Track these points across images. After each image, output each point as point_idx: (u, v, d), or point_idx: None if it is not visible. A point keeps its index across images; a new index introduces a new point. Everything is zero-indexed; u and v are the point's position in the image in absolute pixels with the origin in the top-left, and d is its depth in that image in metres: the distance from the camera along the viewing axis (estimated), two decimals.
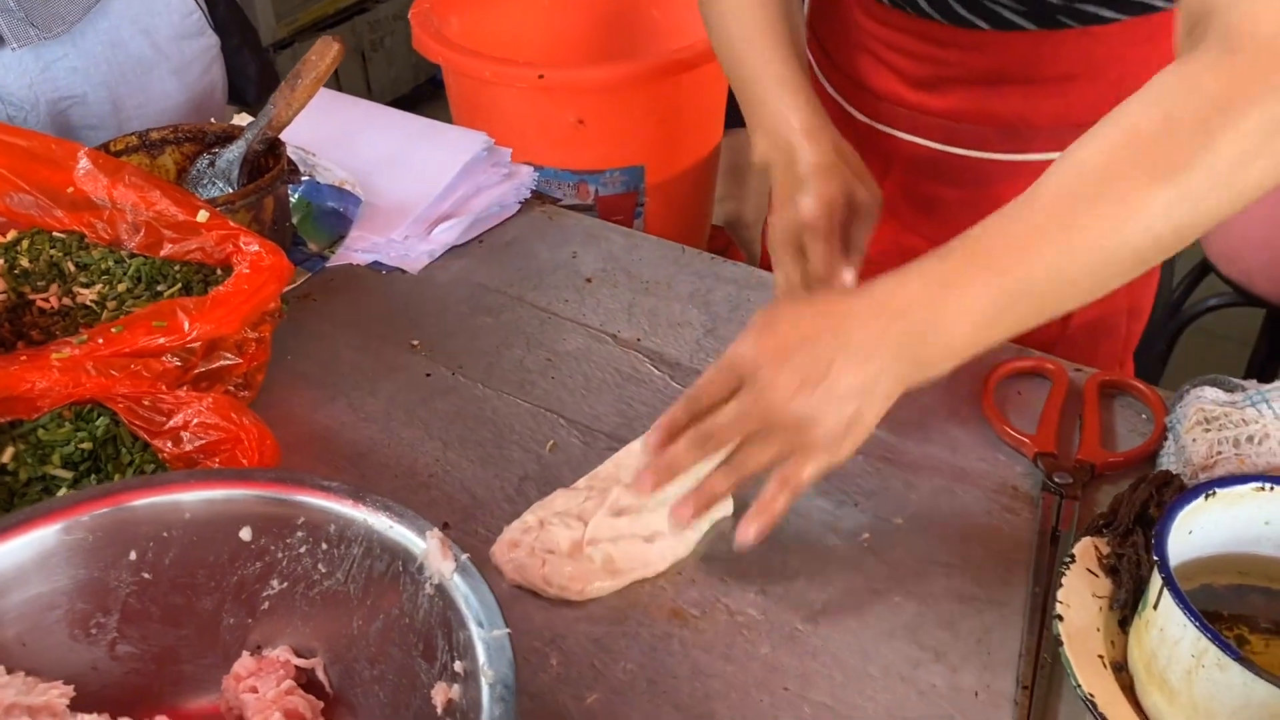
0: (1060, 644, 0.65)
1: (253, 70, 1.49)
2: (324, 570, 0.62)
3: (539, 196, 1.20)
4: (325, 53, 1.04)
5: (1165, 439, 0.84)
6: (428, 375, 0.94)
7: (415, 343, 0.98)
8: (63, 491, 0.70)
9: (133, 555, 0.61)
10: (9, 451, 0.71)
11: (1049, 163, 0.95)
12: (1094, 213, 0.63)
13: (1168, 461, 0.81)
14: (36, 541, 0.59)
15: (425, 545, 0.58)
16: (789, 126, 0.87)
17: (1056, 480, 0.82)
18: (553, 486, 0.82)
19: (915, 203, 1.01)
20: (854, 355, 0.65)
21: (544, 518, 0.78)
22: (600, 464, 0.84)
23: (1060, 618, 0.67)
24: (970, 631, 0.71)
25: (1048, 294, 0.66)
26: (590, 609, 0.73)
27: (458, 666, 0.55)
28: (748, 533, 0.68)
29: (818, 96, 0.89)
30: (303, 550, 0.62)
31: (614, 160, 1.42)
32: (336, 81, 2.33)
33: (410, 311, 1.02)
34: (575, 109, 1.38)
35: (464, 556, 0.57)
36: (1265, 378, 0.84)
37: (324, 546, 0.62)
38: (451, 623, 0.56)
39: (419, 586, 0.58)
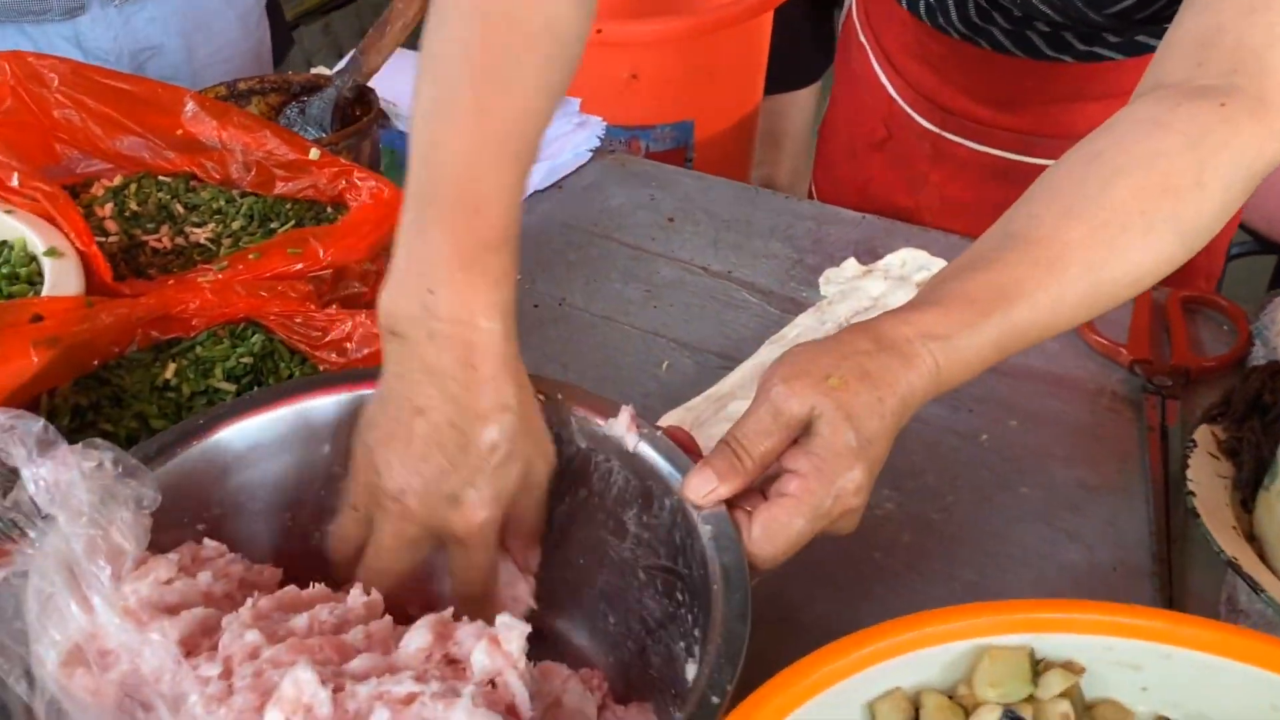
0: (1196, 516, 0.69)
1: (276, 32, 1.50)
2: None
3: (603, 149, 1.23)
4: (411, 1, 1.06)
5: (1253, 344, 0.89)
6: (535, 306, 0.97)
7: (517, 277, 1.01)
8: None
9: (326, 449, 0.64)
10: (171, 368, 0.73)
11: None
12: (1118, 256, 0.61)
13: (1258, 363, 0.86)
14: (249, 431, 0.61)
15: (618, 420, 0.60)
16: (466, 308, 0.57)
17: (1156, 383, 0.86)
18: (675, 403, 0.85)
19: (986, 208, 1.05)
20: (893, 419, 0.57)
21: None
22: (715, 384, 0.87)
23: (1193, 494, 0.71)
24: (1098, 515, 0.75)
25: (1046, 328, 0.62)
26: None
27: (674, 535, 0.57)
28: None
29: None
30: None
31: (665, 115, 1.45)
32: None
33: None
34: (629, 64, 1.41)
35: (659, 431, 0.60)
36: None
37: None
38: (653, 491, 0.59)
39: (611, 466, 0.61)
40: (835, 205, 1.21)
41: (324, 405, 0.63)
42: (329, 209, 0.94)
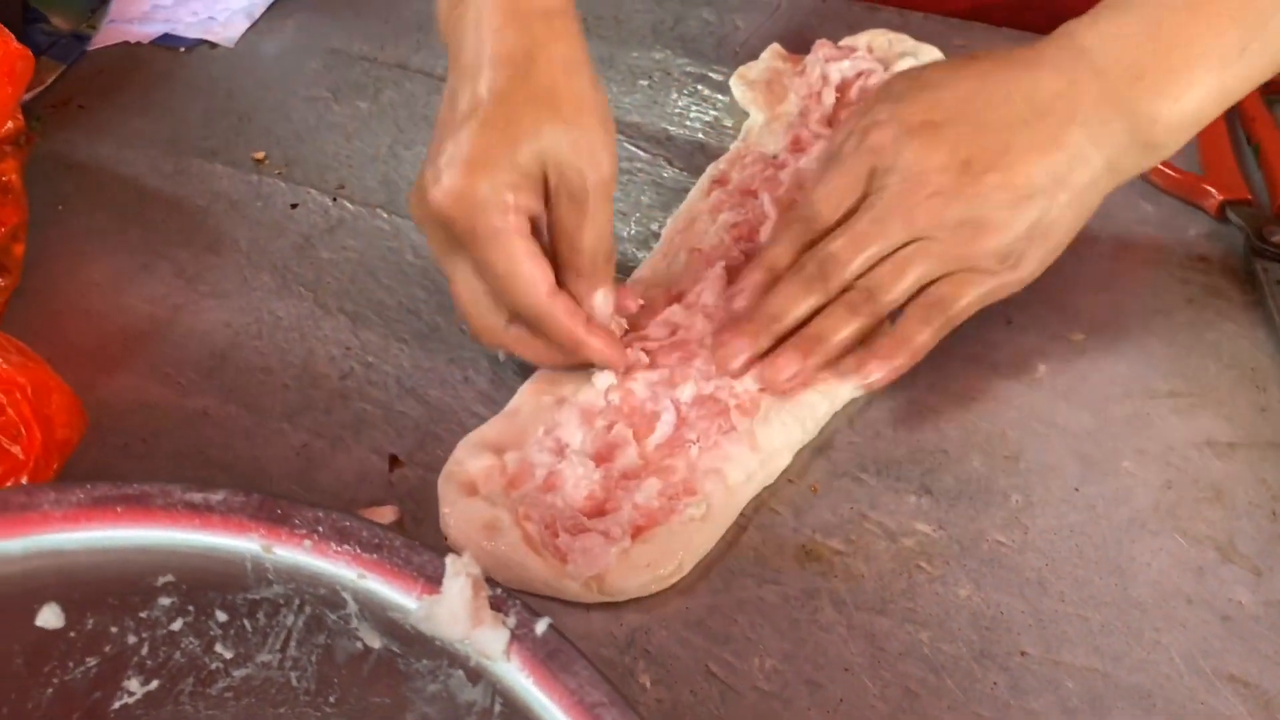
0: None
1: None
2: (229, 654, 0.32)
3: None
4: None
5: None
6: (293, 206, 0.60)
7: (259, 155, 0.63)
8: None
9: None
10: None
11: None
12: None
13: None
14: None
15: (445, 598, 0.28)
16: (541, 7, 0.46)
17: (1269, 239, 0.56)
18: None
19: None
20: (1041, 129, 0.46)
21: (525, 456, 0.47)
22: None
23: None
24: (1254, 501, 0.46)
25: None
26: None
27: None
28: (869, 370, 0.48)
29: None
30: (178, 626, 0.31)
31: None
32: None
33: (239, 106, 0.66)
34: None
35: (544, 622, 0.27)
36: None
37: (221, 617, 0.31)
38: None
39: (441, 678, 0.29)
40: None
41: None
42: None
